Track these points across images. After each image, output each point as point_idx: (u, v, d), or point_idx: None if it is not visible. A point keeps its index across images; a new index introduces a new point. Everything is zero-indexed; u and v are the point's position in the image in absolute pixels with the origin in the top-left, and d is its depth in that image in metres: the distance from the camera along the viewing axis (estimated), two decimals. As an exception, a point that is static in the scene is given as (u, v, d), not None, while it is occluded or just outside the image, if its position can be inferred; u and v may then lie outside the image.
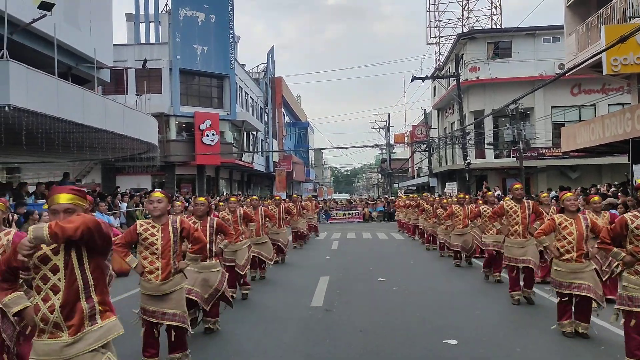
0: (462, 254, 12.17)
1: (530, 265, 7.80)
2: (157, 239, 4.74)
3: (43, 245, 2.81)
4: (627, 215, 4.70)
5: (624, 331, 4.79)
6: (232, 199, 9.17)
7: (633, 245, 4.59)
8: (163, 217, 4.83)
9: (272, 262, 10.54)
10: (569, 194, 6.16)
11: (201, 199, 6.66)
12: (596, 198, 7.56)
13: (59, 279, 2.79)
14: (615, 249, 4.77)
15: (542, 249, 6.84)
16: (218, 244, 6.48)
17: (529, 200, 8.43)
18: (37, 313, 2.83)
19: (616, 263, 4.82)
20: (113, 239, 4.59)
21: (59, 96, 12.39)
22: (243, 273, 8.44)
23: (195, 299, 6.02)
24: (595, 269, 6.27)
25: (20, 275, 3.08)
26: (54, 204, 2.86)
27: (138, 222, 4.93)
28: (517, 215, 7.95)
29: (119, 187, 21.83)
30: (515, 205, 8.01)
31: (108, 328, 2.92)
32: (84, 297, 2.84)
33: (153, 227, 4.79)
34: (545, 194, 10.13)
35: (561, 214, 6.11)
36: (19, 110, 10.82)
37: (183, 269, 4.95)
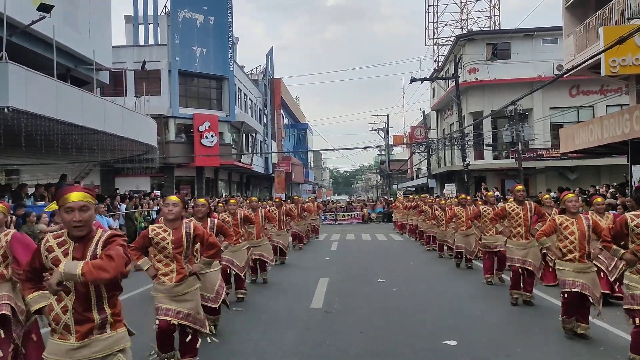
0: (462, 255, 12.12)
1: (530, 268, 7.79)
2: (168, 243, 4.74)
3: (55, 247, 2.89)
4: (628, 214, 4.71)
5: (631, 330, 4.79)
6: (232, 201, 9.12)
7: (635, 245, 4.60)
8: (176, 221, 4.83)
9: (272, 263, 10.47)
10: (571, 195, 6.16)
11: (202, 200, 6.67)
12: (599, 199, 7.53)
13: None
14: (614, 247, 4.78)
15: (545, 251, 6.79)
16: None
17: (531, 202, 8.40)
18: (50, 313, 2.89)
19: (622, 263, 4.85)
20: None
21: (57, 98, 12.38)
22: (243, 274, 8.43)
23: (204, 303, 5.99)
24: (597, 270, 6.26)
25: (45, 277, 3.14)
26: (68, 202, 2.87)
27: (150, 226, 4.95)
28: (520, 217, 7.92)
29: (117, 188, 21.82)
30: (517, 207, 7.99)
31: (116, 339, 2.95)
32: (96, 309, 2.88)
33: (164, 230, 4.79)
34: (547, 196, 10.11)
35: (562, 215, 6.11)
36: (18, 111, 10.81)
37: (197, 272, 4.94)
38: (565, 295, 5.96)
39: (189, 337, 4.90)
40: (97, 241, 2.92)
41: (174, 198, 4.93)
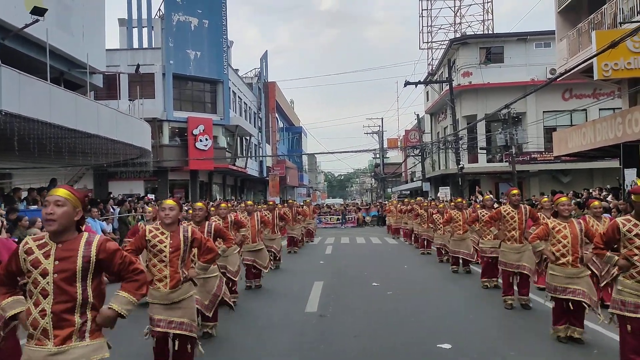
0: (460, 260, 11.95)
1: (526, 272, 7.81)
2: (165, 246, 4.65)
3: (34, 249, 2.85)
4: (619, 220, 4.72)
5: (619, 335, 4.81)
6: (223, 205, 9.06)
7: (627, 250, 4.61)
8: (174, 225, 4.74)
9: (266, 270, 10.38)
10: (564, 199, 6.16)
11: (199, 204, 6.58)
12: (596, 203, 7.57)
13: (47, 283, 2.79)
14: (608, 254, 4.79)
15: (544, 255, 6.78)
16: None
17: (527, 206, 8.42)
18: (28, 317, 2.83)
19: (615, 268, 4.85)
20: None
21: (51, 101, 12.34)
22: (236, 279, 8.37)
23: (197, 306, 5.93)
24: (591, 274, 6.26)
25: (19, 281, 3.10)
26: (48, 196, 2.91)
27: (147, 227, 4.82)
28: (514, 221, 7.95)
29: (111, 192, 21.73)
30: (513, 211, 8.02)
31: (94, 348, 2.88)
32: (79, 312, 2.84)
33: (162, 233, 4.70)
34: (546, 199, 10.10)
35: (555, 219, 6.12)
36: (10, 115, 10.76)
37: (193, 277, 4.87)
38: (554, 303, 5.98)
39: (184, 345, 4.79)
40: (86, 243, 2.88)
41: (170, 202, 4.82)
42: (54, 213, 2.82)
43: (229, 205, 9.62)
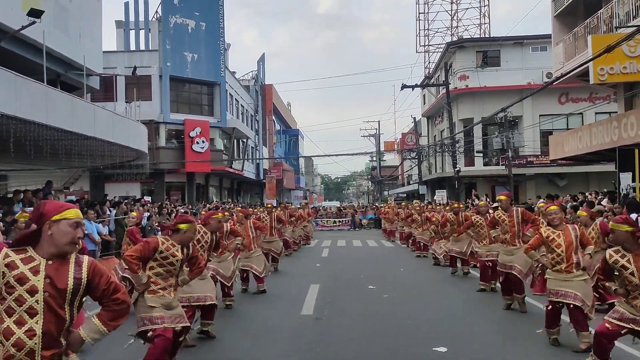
0: (457, 261, 11.95)
1: (515, 272, 7.87)
2: (177, 260, 4.89)
3: (19, 263, 2.63)
4: (608, 251, 4.89)
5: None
6: (219, 215, 8.98)
7: (619, 280, 4.79)
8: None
9: (261, 275, 10.30)
10: (553, 207, 6.21)
11: (219, 215, 6.97)
12: (582, 212, 7.78)
13: (36, 301, 2.60)
14: (607, 284, 4.93)
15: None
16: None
17: (518, 208, 8.63)
18: (7, 337, 2.59)
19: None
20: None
21: (47, 103, 12.29)
22: (229, 284, 8.35)
23: (210, 302, 6.27)
24: (586, 279, 6.28)
25: None
26: (74, 217, 2.74)
27: (160, 239, 4.93)
28: (505, 224, 8.24)
29: (107, 194, 21.65)
30: (504, 214, 8.32)
31: None
32: (64, 333, 2.73)
33: (173, 245, 4.90)
34: (543, 204, 10.24)
35: (548, 227, 6.16)
36: (7, 117, 10.72)
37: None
38: (549, 307, 6.01)
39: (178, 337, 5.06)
40: (75, 264, 2.74)
41: (185, 226, 4.94)
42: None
43: (226, 214, 9.47)
